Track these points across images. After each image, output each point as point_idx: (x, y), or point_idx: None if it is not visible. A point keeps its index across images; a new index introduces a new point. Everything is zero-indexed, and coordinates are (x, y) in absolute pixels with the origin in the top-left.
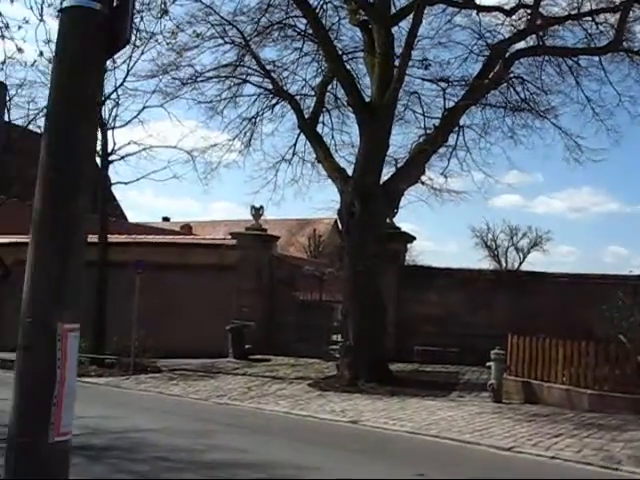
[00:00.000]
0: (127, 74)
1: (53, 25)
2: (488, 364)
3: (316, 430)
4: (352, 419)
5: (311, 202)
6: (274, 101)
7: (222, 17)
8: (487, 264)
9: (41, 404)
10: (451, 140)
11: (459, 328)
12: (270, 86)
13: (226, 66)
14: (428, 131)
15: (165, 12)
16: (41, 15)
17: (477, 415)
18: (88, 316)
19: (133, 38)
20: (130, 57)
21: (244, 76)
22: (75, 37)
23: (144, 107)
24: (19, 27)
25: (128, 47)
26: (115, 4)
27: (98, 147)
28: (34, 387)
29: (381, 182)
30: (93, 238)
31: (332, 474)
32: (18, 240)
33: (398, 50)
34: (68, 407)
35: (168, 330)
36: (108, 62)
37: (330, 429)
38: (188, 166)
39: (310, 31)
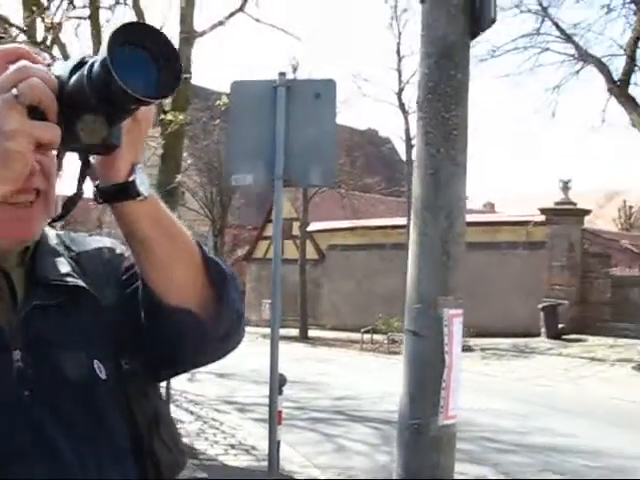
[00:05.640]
0: None
1: None
2: None
3: None
4: None
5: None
6: (579, 66)
7: None
8: None
9: (431, 388)
10: None
11: None
12: (573, 51)
13: (524, 36)
14: None
15: None
16: None
17: None
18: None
19: None
20: None
21: (544, 44)
22: (439, 25)
23: None
24: None
25: None
26: None
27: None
28: (424, 371)
29: None
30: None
31: None
32: (331, 226)
33: None
34: (456, 391)
35: (477, 309)
36: None
37: None
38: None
39: None
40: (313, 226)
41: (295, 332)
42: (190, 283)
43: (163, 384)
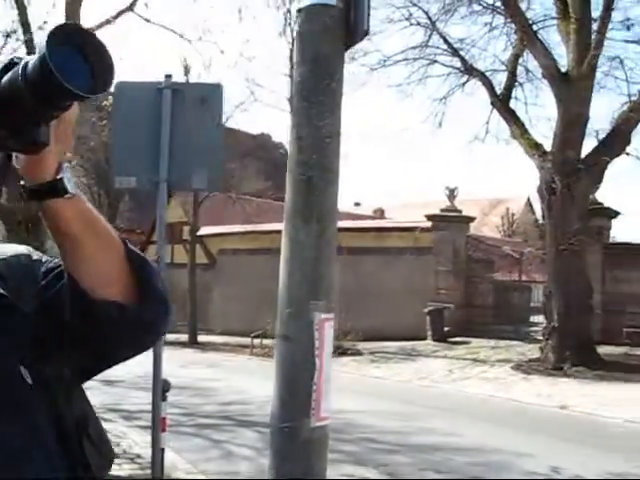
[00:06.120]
0: None
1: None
2: None
3: (523, 414)
4: (560, 404)
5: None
6: (464, 79)
7: None
8: None
9: (302, 391)
10: None
11: None
12: (459, 64)
13: (414, 48)
14: (632, 98)
15: None
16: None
17: None
18: None
19: None
20: None
21: (432, 56)
22: (314, 34)
23: None
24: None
25: None
26: None
27: None
28: (295, 375)
29: (582, 156)
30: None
31: (547, 462)
32: (222, 231)
33: (595, 13)
34: (327, 393)
35: (365, 313)
36: None
37: (538, 414)
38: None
39: (498, 3)
40: (204, 230)
41: (185, 337)
42: (116, 275)
43: None
